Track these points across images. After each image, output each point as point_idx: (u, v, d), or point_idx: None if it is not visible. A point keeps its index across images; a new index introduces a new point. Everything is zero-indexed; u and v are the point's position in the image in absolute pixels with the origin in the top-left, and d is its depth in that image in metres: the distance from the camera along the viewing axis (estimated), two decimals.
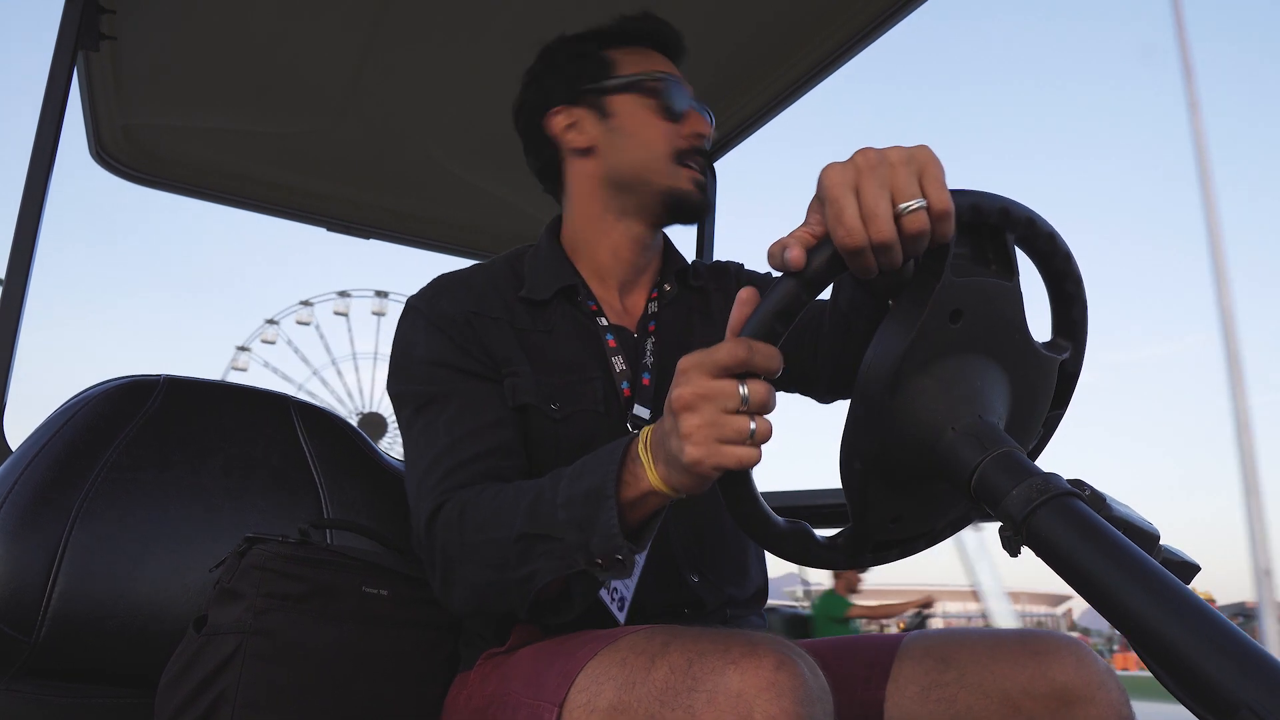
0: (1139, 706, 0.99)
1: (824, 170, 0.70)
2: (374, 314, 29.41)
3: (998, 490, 0.67)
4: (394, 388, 1.14)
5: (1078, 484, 0.68)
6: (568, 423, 1.09)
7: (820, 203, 0.70)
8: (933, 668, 1.02)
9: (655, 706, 0.74)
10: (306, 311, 29.51)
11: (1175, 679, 0.56)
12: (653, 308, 1.23)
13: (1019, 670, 0.96)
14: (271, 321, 29.48)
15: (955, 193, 0.74)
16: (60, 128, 1.56)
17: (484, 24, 1.64)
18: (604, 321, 1.18)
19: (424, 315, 1.14)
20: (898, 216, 0.68)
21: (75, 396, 1.37)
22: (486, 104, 1.88)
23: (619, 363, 1.15)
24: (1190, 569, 0.77)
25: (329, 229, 2.33)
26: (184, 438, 1.36)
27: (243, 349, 29.54)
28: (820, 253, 0.72)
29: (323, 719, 1.01)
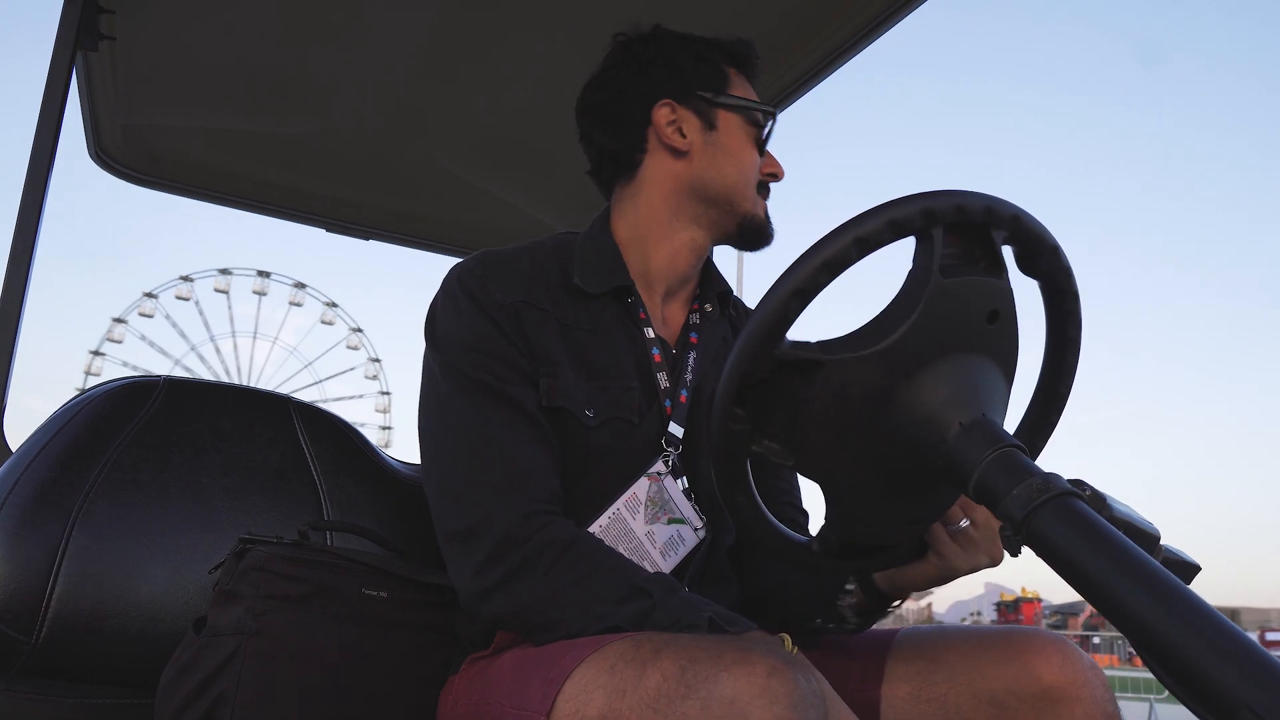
0: None
1: None
2: (255, 293, 30.14)
3: (998, 490, 0.67)
4: (437, 358, 1.09)
5: (1078, 484, 0.68)
6: (599, 430, 1.08)
7: None
8: (924, 668, 1.03)
9: (648, 714, 0.74)
10: (186, 287, 29.75)
11: (1176, 679, 0.56)
12: (694, 319, 1.23)
13: (1006, 670, 0.98)
14: (150, 295, 29.48)
15: (943, 193, 0.74)
16: (60, 128, 1.56)
17: (484, 25, 1.64)
18: (650, 333, 1.16)
19: (472, 297, 1.10)
20: None
21: (76, 397, 1.37)
22: (487, 104, 1.88)
23: (664, 379, 1.14)
24: (1190, 569, 0.77)
25: (329, 229, 2.33)
26: (184, 438, 1.36)
27: (119, 321, 29.71)
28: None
29: (322, 719, 1.01)
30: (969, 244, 0.76)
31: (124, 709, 1.21)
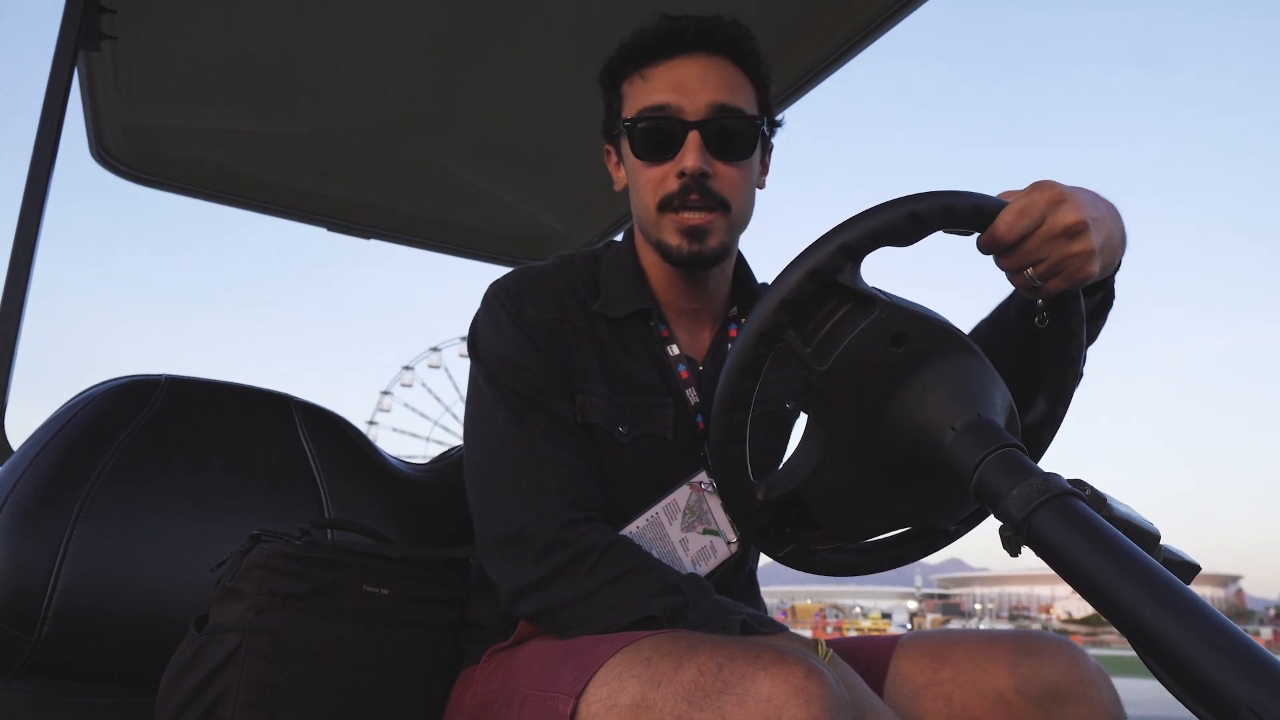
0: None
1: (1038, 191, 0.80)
2: None
3: (998, 490, 0.67)
4: (481, 371, 1.11)
5: (1078, 484, 0.68)
6: (634, 446, 1.10)
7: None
8: (929, 666, 1.03)
9: (683, 706, 0.75)
10: (436, 356, 35.87)
11: (1176, 679, 0.56)
12: (724, 334, 1.20)
13: (1012, 670, 0.98)
14: (408, 368, 35.97)
15: (940, 193, 0.75)
16: (61, 128, 1.56)
17: (484, 25, 1.64)
18: (674, 350, 1.16)
19: (508, 315, 1.11)
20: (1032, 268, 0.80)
21: (76, 396, 1.37)
22: (488, 104, 1.88)
23: (692, 394, 1.14)
24: (1190, 569, 0.76)
25: (329, 229, 2.33)
26: (185, 438, 1.36)
27: (386, 393, 36.13)
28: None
29: (323, 717, 1.01)
30: (822, 308, 0.76)
31: (126, 707, 1.21)
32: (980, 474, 0.69)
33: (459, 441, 1.39)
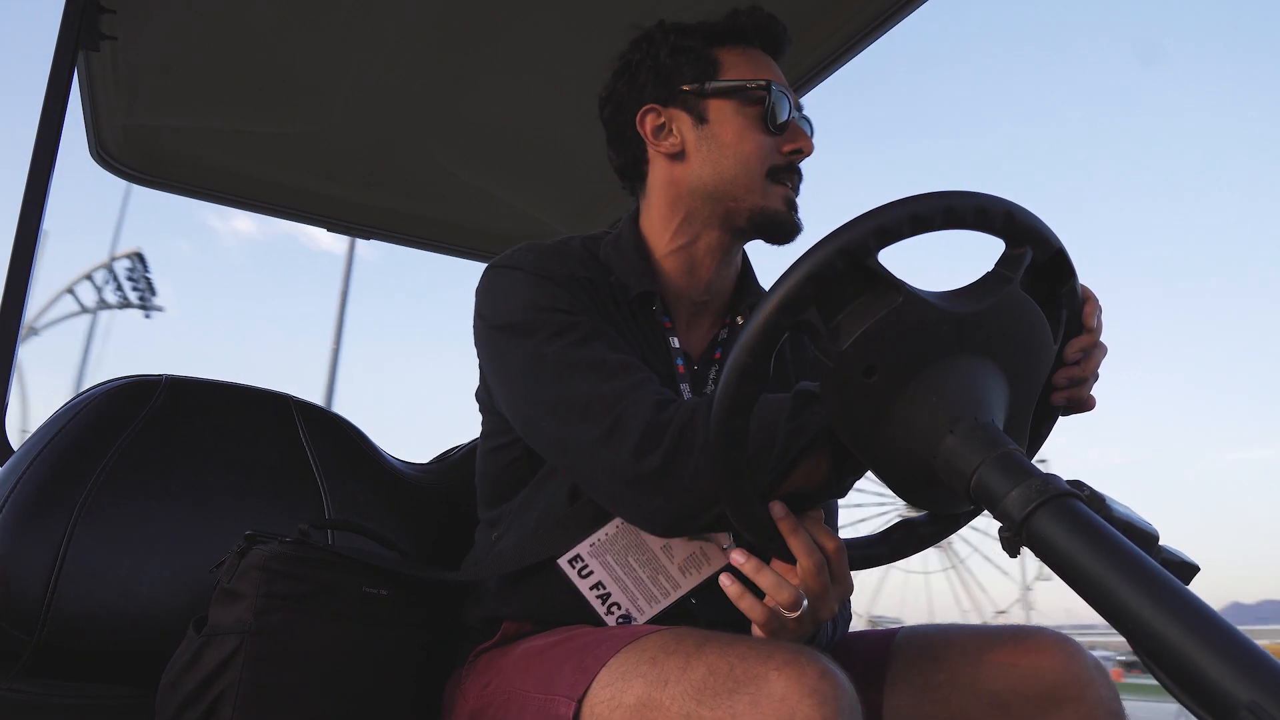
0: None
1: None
2: None
3: (996, 491, 0.67)
4: (506, 330, 1.02)
5: (1077, 484, 0.69)
6: None
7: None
8: (926, 668, 1.03)
9: (692, 705, 0.74)
10: None
11: (1175, 679, 0.56)
12: (724, 334, 1.17)
13: (1009, 669, 0.97)
14: None
15: (956, 193, 0.75)
16: (61, 128, 1.56)
17: (485, 25, 1.64)
18: (675, 343, 1.12)
19: (530, 273, 1.05)
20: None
21: (77, 396, 1.37)
22: (488, 105, 1.88)
23: (686, 390, 1.10)
24: (1190, 569, 0.77)
25: (329, 229, 2.33)
26: (186, 437, 1.36)
27: None
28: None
29: (322, 718, 1.01)
30: (847, 289, 0.75)
31: (125, 707, 1.21)
32: (980, 475, 0.69)
33: None
